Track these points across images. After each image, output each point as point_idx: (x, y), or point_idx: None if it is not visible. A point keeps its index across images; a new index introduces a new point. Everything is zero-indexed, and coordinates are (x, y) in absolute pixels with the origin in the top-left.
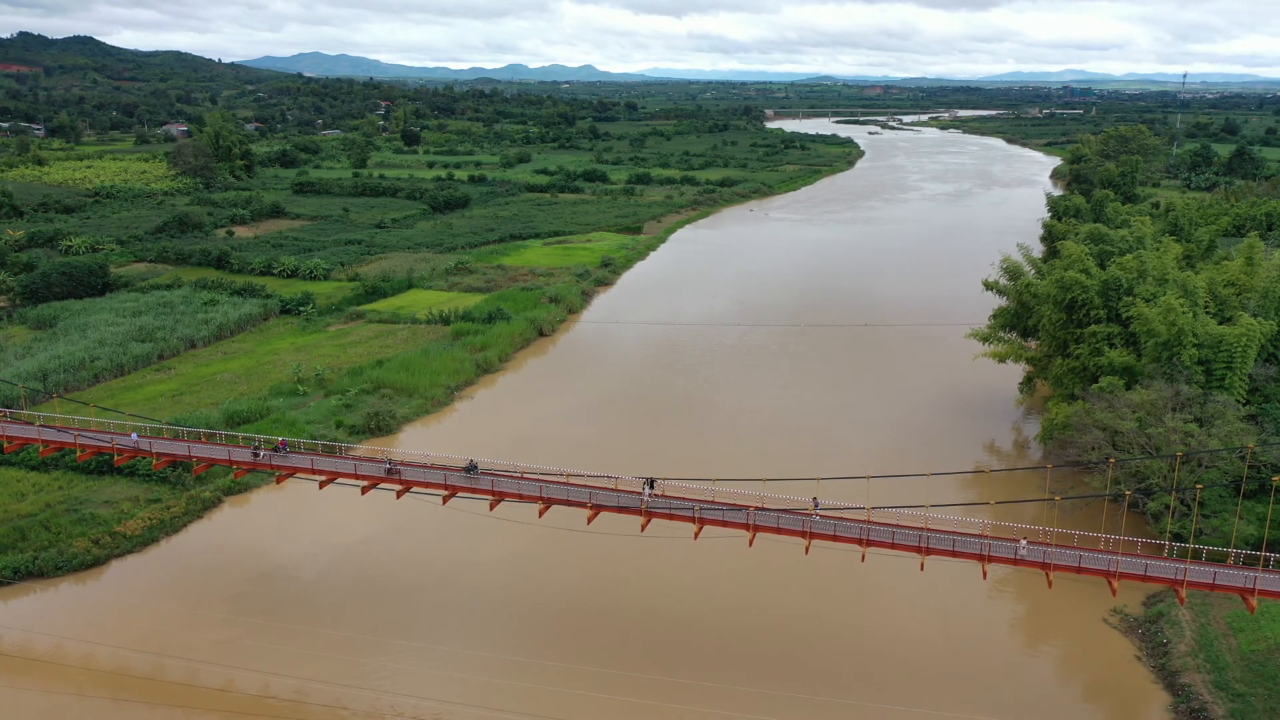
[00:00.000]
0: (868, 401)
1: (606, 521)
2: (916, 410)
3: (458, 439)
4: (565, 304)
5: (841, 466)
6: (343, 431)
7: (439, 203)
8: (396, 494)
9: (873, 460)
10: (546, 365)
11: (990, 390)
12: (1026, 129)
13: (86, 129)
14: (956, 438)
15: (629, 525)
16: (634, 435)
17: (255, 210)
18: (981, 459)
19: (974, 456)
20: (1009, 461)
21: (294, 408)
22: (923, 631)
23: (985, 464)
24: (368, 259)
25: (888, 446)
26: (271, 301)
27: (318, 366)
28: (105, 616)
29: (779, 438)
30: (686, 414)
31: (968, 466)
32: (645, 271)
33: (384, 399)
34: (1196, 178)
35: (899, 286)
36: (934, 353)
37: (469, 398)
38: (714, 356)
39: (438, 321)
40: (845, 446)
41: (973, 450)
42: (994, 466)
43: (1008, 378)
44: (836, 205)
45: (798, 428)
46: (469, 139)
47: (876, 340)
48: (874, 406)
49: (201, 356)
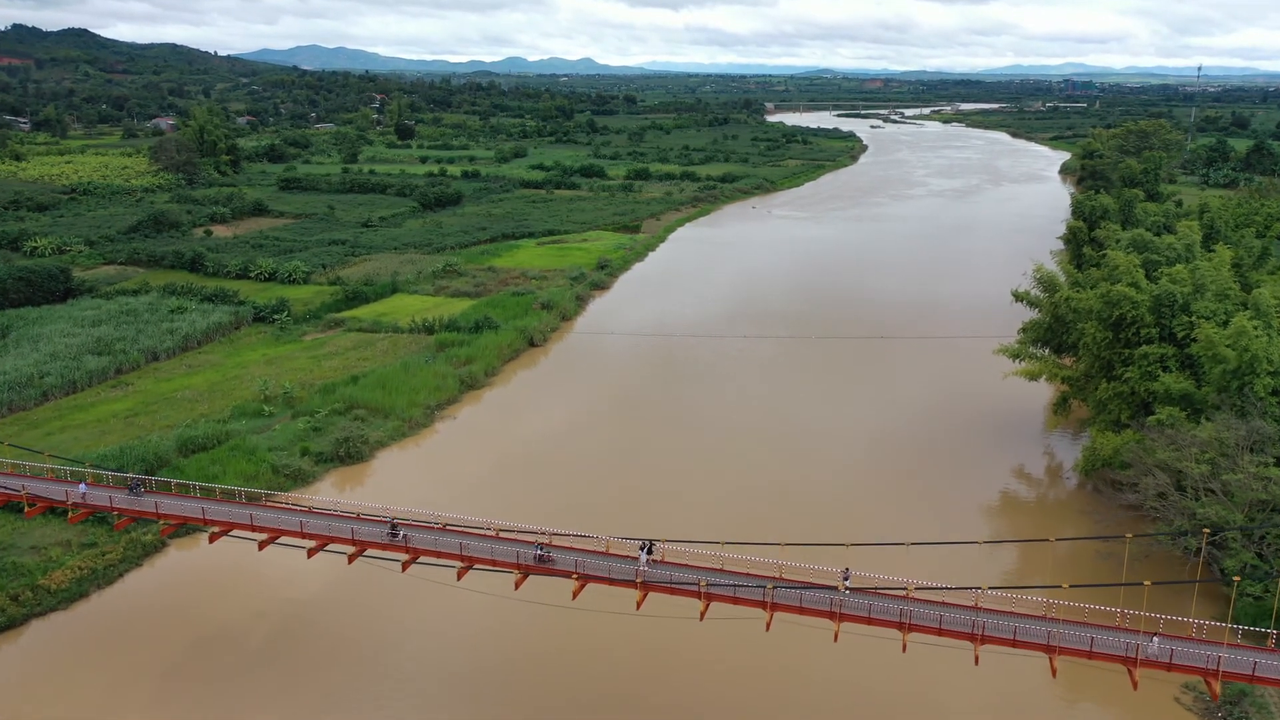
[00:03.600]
0: (886, 420)
1: (596, 595)
2: (939, 431)
3: (435, 466)
4: (558, 310)
5: (868, 507)
6: (308, 460)
7: (429, 200)
8: (307, 552)
9: (898, 495)
10: (536, 379)
11: (1016, 407)
12: (1030, 123)
13: (74, 123)
14: (985, 464)
15: (622, 600)
16: (628, 460)
17: (236, 208)
18: (1011, 487)
19: (1002, 484)
20: (1039, 489)
21: (257, 431)
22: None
23: (1014, 491)
24: (352, 260)
25: (913, 476)
26: (244, 308)
27: (286, 383)
28: (8, 694)
29: (791, 467)
30: (687, 436)
31: (996, 496)
32: (643, 274)
33: (356, 421)
34: (1214, 174)
35: (911, 289)
36: (952, 363)
37: (451, 417)
38: (716, 369)
39: (421, 330)
40: (867, 479)
41: (1001, 477)
42: (1023, 494)
43: (1034, 394)
44: (841, 202)
45: (812, 455)
46: (464, 133)
47: (891, 351)
48: (893, 426)
49: (163, 370)
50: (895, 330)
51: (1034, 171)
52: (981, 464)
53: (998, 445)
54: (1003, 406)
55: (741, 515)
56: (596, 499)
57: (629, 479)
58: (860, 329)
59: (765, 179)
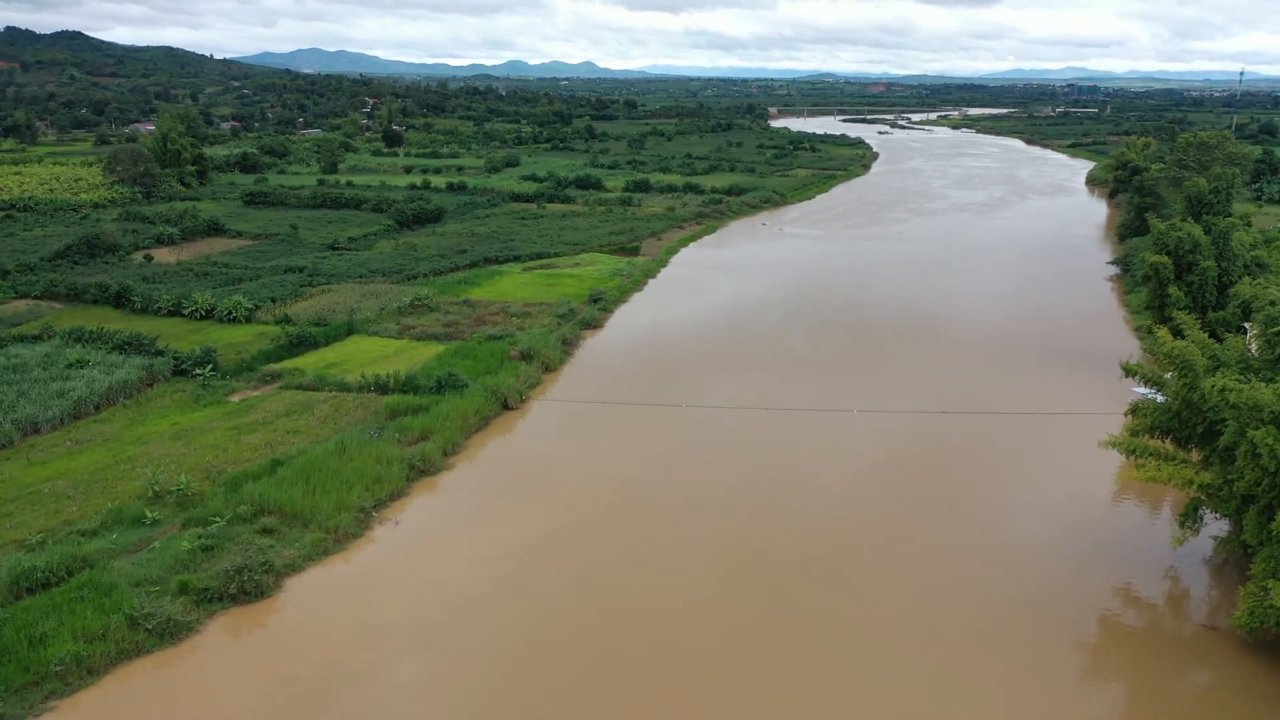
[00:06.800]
0: (963, 531)
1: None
2: (1017, 546)
3: (361, 603)
4: (540, 360)
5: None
6: (186, 600)
7: (406, 217)
8: None
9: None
10: (508, 459)
11: (1119, 507)
12: (1044, 129)
13: (47, 128)
14: (1084, 597)
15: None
16: (623, 599)
17: (187, 228)
18: (1131, 634)
19: (1124, 636)
20: (1183, 660)
21: (130, 550)
22: None
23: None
24: (307, 292)
25: (1001, 620)
26: (161, 360)
27: (183, 478)
28: None
29: (839, 616)
30: (701, 564)
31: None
32: (641, 307)
33: (263, 535)
34: (1268, 187)
35: (961, 331)
36: (1035, 442)
37: (393, 520)
38: (732, 456)
39: (372, 389)
40: (938, 635)
41: (1113, 621)
42: (1163, 672)
43: (1142, 490)
44: (859, 218)
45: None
46: (456, 139)
47: (956, 429)
48: (968, 540)
49: (41, 449)
50: (954, 394)
51: (1058, 183)
52: (1084, 596)
53: (1099, 562)
54: (1101, 501)
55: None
56: (586, 670)
57: (625, 637)
58: (909, 387)
59: (774, 191)
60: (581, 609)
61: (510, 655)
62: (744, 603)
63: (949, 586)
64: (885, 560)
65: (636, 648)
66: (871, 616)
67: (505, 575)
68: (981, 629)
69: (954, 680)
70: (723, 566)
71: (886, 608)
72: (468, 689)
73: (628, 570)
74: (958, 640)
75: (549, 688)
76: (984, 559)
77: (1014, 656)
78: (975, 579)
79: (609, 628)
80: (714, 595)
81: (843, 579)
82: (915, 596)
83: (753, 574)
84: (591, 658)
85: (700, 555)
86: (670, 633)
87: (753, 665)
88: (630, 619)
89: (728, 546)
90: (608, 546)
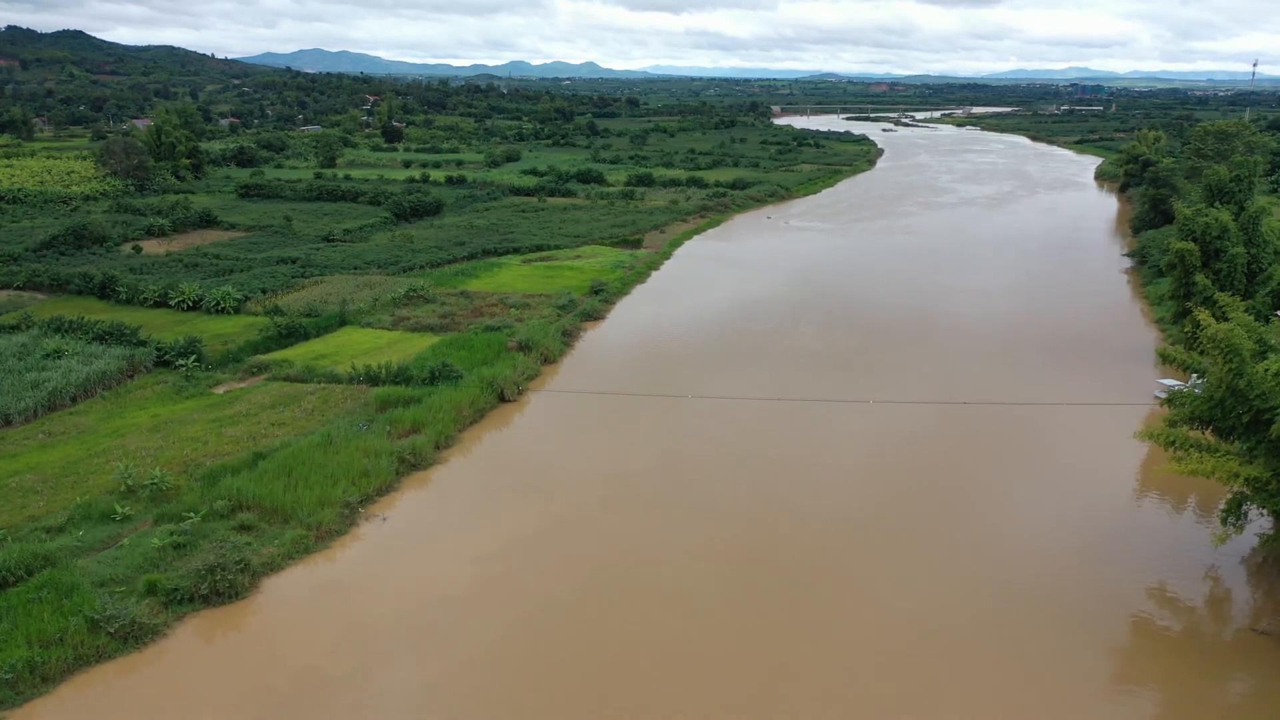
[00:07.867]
0: (983, 529)
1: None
2: (1041, 544)
3: (344, 604)
4: (538, 352)
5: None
6: (154, 601)
7: (404, 209)
8: None
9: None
10: (503, 453)
11: (1147, 502)
12: (1049, 126)
13: (44, 125)
14: (1114, 598)
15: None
16: (623, 600)
17: (178, 220)
18: (1168, 643)
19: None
20: (1222, 666)
21: (97, 548)
22: None
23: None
24: (300, 283)
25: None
26: (143, 351)
27: (158, 471)
28: None
29: (857, 614)
30: (704, 562)
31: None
32: (644, 299)
33: (240, 531)
34: None
35: (975, 324)
36: (1056, 435)
37: (380, 517)
38: (739, 450)
39: (363, 380)
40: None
41: (1150, 625)
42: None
43: (1169, 485)
44: (866, 211)
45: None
46: (456, 136)
47: (972, 422)
48: (988, 538)
49: (13, 440)
50: (970, 387)
51: (1067, 177)
52: (1121, 597)
53: (1137, 558)
54: (1134, 489)
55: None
56: (583, 675)
57: (624, 638)
58: (925, 379)
59: (779, 185)
60: (580, 609)
61: (504, 660)
62: (750, 602)
63: (969, 587)
64: (902, 560)
65: (636, 650)
66: (887, 618)
67: (499, 574)
68: (1004, 633)
69: (975, 687)
70: (727, 564)
71: (903, 609)
72: (458, 696)
73: (628, 569)
74: (979, 645)
75: (544, 694)
76: (1005, 558)
77: (1040, 662)
78: (996, 579)
79: (608, 629)
80: (717, 595)
81: (856, 579)
82: (934, 598)
83: (759, 572)
84: (589, 661)
85: (703, 553)
86: (671, 635)
87: (759, 670)
88: (630, 620)
89: (732, 543)
90: (606, 543)
